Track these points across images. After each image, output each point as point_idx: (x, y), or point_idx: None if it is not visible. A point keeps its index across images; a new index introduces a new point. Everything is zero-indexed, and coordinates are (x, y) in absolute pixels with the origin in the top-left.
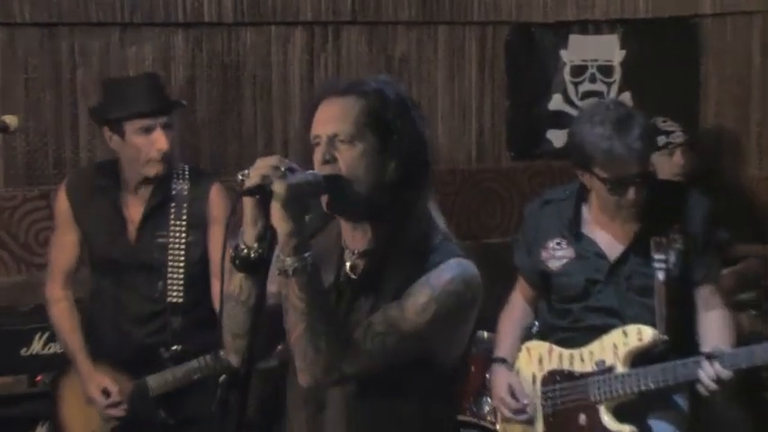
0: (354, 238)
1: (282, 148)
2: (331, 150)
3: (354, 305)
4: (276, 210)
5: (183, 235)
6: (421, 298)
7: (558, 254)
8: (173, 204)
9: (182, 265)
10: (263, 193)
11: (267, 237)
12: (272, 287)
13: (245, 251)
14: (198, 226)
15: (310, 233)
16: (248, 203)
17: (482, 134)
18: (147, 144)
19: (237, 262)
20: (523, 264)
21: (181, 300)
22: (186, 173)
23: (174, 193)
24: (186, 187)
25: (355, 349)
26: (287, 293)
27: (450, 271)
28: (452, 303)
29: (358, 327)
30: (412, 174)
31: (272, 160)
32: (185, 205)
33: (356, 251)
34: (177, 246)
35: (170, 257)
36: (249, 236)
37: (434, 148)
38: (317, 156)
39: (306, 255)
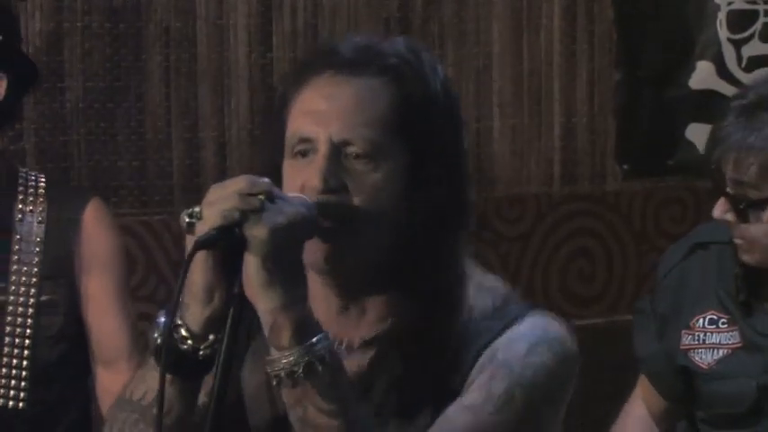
0: (343, 318)
1: (217, 160)
2: (337, 170)
3: None
4: (255, 269)
5: (33, 291)
6: (496, 386)
7: (711, 339)
8: (17, 238)
9: (27, 342)
10: (228, 243)
11: (230, 318)
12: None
13: (186, 342)
14: (60, 275)
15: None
16: (198, 262)
17: (571, 134)
18: None
19: (170, 358)
20: (649, 355)
21: (22, 405)
22: (40, 186)
23: (18, 219)
24: (41, 210)
25: None
26: (294, 409)
27: (527, 338)
28: (543, 383)
29: None
30: (450, 211)
31: (238, 184)
32: (38, 241)
33: (346, 341)
34: (22, 308)
35: (8, 327)
36: (195, 316)
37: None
38: (304, 173)
39: (315, 340)
